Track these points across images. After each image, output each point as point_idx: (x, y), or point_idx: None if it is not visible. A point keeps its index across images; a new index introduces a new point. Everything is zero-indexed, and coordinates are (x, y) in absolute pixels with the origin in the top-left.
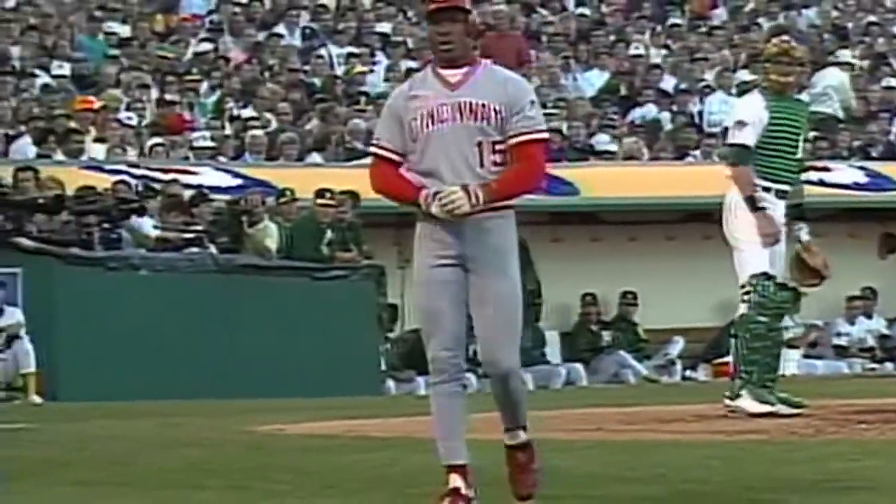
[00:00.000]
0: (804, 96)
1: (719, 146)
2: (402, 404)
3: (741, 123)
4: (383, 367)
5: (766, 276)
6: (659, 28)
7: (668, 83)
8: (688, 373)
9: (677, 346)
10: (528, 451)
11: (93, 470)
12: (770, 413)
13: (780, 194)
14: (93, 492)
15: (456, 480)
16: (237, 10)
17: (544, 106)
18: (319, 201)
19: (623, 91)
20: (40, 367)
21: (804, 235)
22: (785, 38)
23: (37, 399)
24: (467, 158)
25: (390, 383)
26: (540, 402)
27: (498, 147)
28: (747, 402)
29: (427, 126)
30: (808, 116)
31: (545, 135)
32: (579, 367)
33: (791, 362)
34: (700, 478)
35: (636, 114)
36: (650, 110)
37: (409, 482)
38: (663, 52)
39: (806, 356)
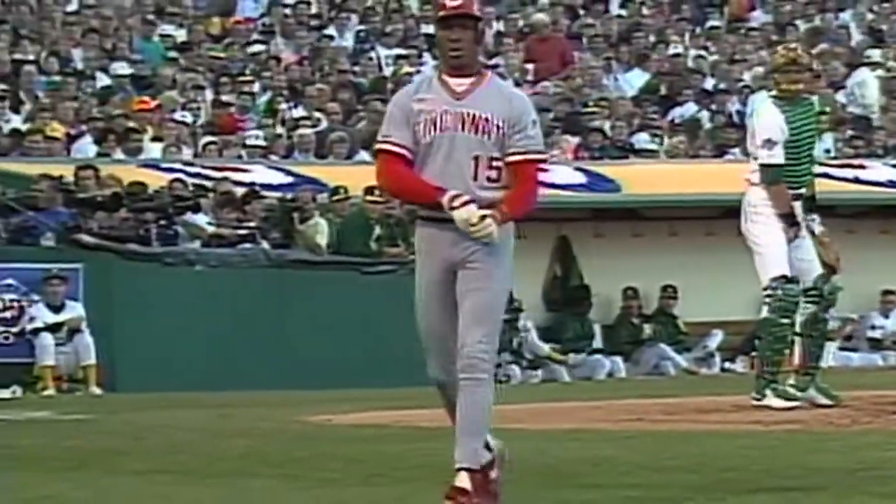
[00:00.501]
0: (815, 98)
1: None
2: None
3: (770, 142)
4: None
5: (786, 278)
6: (698, 30)
7: (708, 83)
8: (726, 365)
9: (716, 338)
10: (468, 498)
11: (150, 459)
12: (797, 407)
13: (798, 196)
14: (150, 480)
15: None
16: (288, 12)
17: (585, 105)
18: (369, 198)
19: (663, 91)
20: (100, 360)
21: (817, 228)
22: (791, 46)
23: (97, 390)
24: (462, 170)
25: None
26: (584, 393)
27: (495, 164)
28: (773, 401)
29: (429, 133)
30: (819, 114)
31: (542, 155)
32: (619, 359)
33: (827, 354)
34: (738, 466)
35: (676, 113)
36: (690, 109)
37: (451, 471)
38: (702, 52)
39: (841, 349)
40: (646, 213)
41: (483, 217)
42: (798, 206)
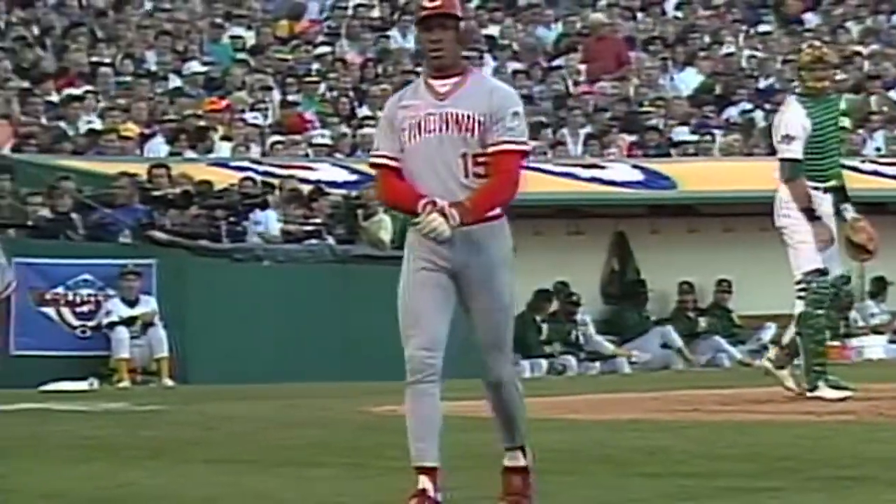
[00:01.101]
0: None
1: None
2: None
3: (789, 138)
4: None
5: (820, 272)
6: (752, 31)
7: (761, 83)
8: None
9: (769, 331)
10: (525, 476)
11: (220, 448)
12: (848, 398)
13: (828, 189)
14: (220, 468)
15: (424, 482)
16: (352, 13)
17: (641, 105)
18: None
19: (718, 90)
20: (172, 353)
21: (849, 214)
22: (816, 44)
23: (169, 382)
24: (452, 169)
25: None
26: (639, 385)
27: (480, 159)
28: (825, 392)
29: (415, 137)
30: (844, 109)
31: (523, 147)
32: (671, 329)
33: (878, 347)
34: (791, 455)
35: (731, 112)
36: (744, 108)
37: None
38: (756, 53)
39: (892, 341)
40: (701, 210)
41: (430, 213)
42: (828, 199)
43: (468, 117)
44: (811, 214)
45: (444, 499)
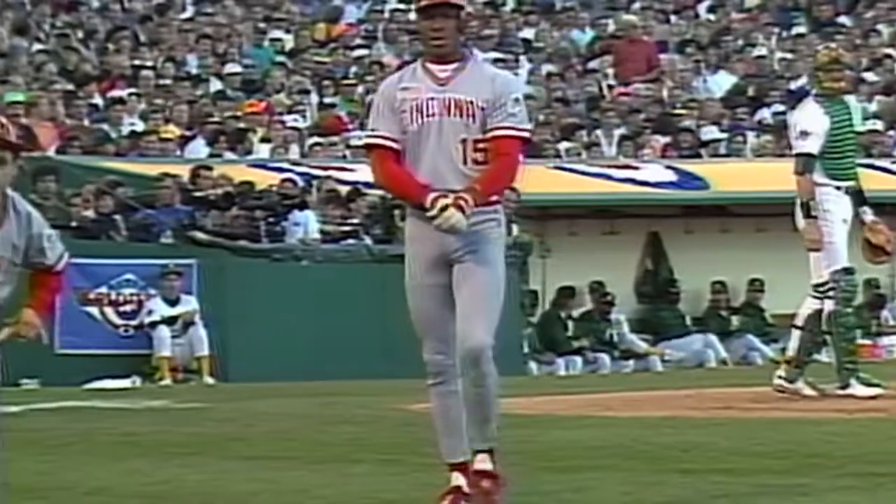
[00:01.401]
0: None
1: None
2: (543, 384)
3: (805, 133)
4: (525, 349)
5: (847, 270)
6: (784, 33)
7: (793, 85)
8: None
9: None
10: (494, 479)
11: (259, 445)
12: (880, 396)
13: (847, 189)
14: (259, 465)
15: (458, 478)
16: (388, 16)
17: (674, 107)
18: None
19: (750, 92)
20: (213, 351)
21: (868, 217)
22: (833, 45)
23: (209, 380)
24: (451, 155)
25: (532, 364)
26: (674, 382)
27: (480, 146)
28: (858, 390)
29: (415, 120)
30: (855, 113)
31: (524, 133)
32: (713, 337)
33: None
34: (824, 452)
35: (763, 113)
36: (776, 110)
37: (547, 456)
38: (788, 55)
39: None
40: (734, 210)
41: (445, 207)
42: (847, 199)
43: (470, 103)
44: (808, 211)
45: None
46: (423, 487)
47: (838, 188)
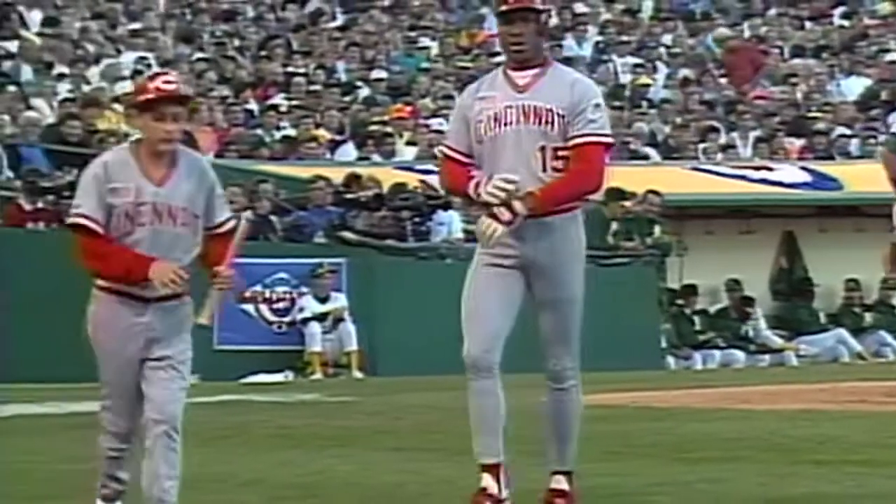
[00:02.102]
0: None
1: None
2: (681, 378)
3: None
4: (663, 344)
5: None
6: None
7: None
8: None
9: None
10: (569, 500)
11: (407, 437)
12: None
13: None
14: (406, 456)
15: (487, 480)
16: None
17: (808, 110)
18: (621, 203)
19: (884, 96)
20: (362, 346)
21: None
22: None
23: (358, 374)
24: (529, 163)
25: (670, 359)
26: (809, 377)
27: (560, 153)
28: None
29: (492, 129)
30: None
31: (605, 139)
32: (846, 333)
33: None
34: None
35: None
36: None
37: (682, 448)
38: None
39: None
40: (867, 210)
41: (483, 222)
42: None
43: (548, 110)
44: None
45: (512, 492)
46: None
47: None
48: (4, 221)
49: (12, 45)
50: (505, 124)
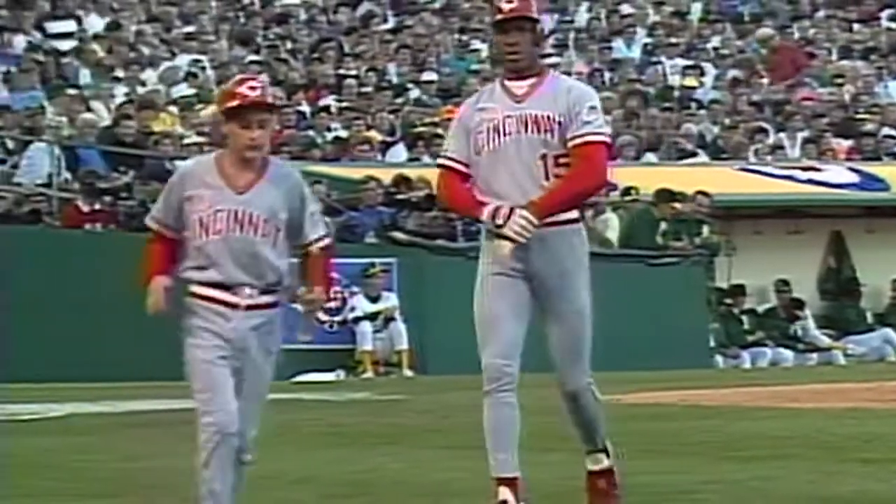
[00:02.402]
0: None
1: None
2: (729, 376)
3: None
4: (712, 343)
5: None
6: None
7: None
8: None
9: None
10: (609, 477)
11: (456, 435)
12: None
13: None
14: (455, 454)
15: (505, 493)
16: (577, 25)
17: (856, 111)
18: (672, 204)
19: None
20: (412, 345)
21: None
22: None
23: (409, 373)
24: (532, 172)
25: (718, 358)
26: (856, 376)
27: (561, 160)
28: None
29: (492, 140)
30: None
31: (602, 137)
32: (892, 332)
33: None
34: None
35: None
36: None
37: (732, 446)
38: None
39: None
40: None
41: (496, 242)
42: None
43: (547, 118)
44: None
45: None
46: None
47: None
48: (63, 223)
49: (65, 44)
50: (506, 134)
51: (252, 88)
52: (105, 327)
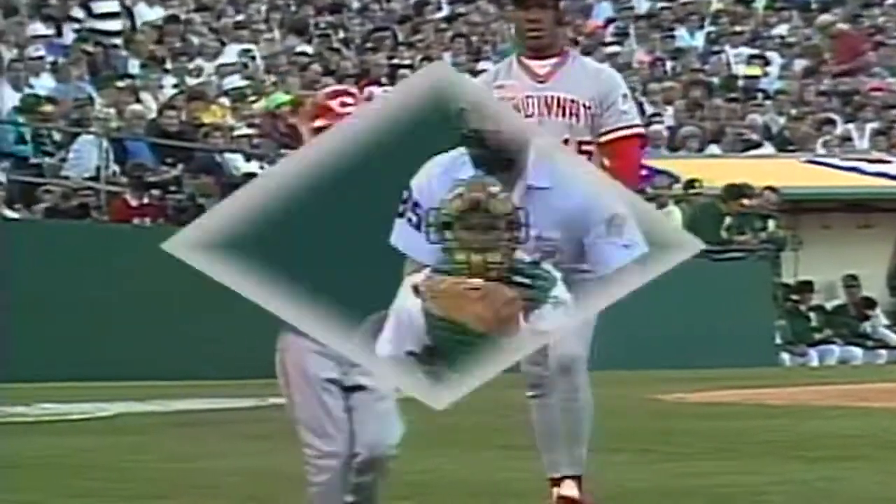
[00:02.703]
0: None
1: None
2: (796, 375)
3: None
4: (778, 340)
5: None
6: None
7: None
8: None
9: None
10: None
11: (514, 435)
12: None
13: None
14: (513, 454)
15: (571, 488)
16: (637, 13)
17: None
18: (741, 200)
19: None
20: None
21: None
22: None
23: None
24: None
25: (784, 355)
26: (889, 376)
27: (584, 147)
28: None
29: None
30: None
31: (638, 129)
32: None
33: None
34: None
35: None
36: None
37: (799, 446)
38: None
39: None
40: None
41: None
42: None
43: (573, 101)
44: None
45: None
46: (675, 477)
47: None
48: (111, 217)
49: (112, 24)
50: (527, 116)
51: (344, 105)
52: (156, 325)
